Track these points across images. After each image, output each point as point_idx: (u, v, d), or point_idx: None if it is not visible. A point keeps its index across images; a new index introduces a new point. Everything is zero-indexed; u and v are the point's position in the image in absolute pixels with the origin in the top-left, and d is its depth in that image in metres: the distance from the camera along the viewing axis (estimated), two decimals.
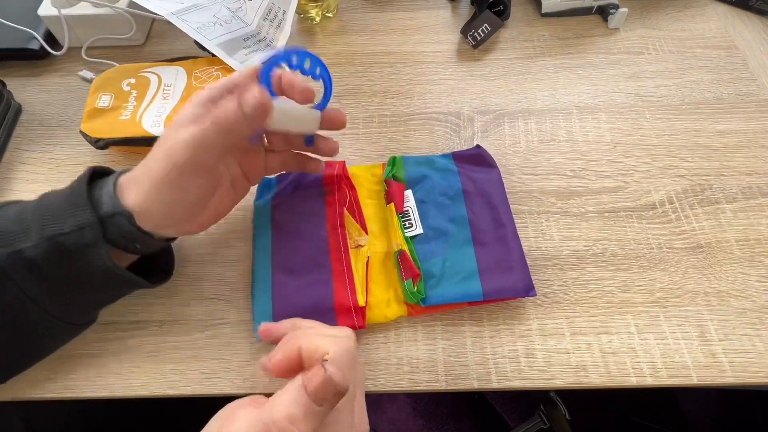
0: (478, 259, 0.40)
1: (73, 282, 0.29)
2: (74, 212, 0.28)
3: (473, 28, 0.55)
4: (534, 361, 0.38)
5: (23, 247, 0.27)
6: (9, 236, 0.28)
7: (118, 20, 0.55)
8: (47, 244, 0.27)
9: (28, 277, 0.28)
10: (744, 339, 0.38)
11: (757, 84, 0.53)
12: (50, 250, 0.27)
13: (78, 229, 0.27)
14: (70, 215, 0.28)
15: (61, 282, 0.29)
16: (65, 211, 0.28)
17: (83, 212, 0.28)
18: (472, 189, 0.44)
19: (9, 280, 0.27)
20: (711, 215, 0.44)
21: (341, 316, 0.38)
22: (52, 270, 0.28)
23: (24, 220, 0.28)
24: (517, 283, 0.39)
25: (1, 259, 0.27)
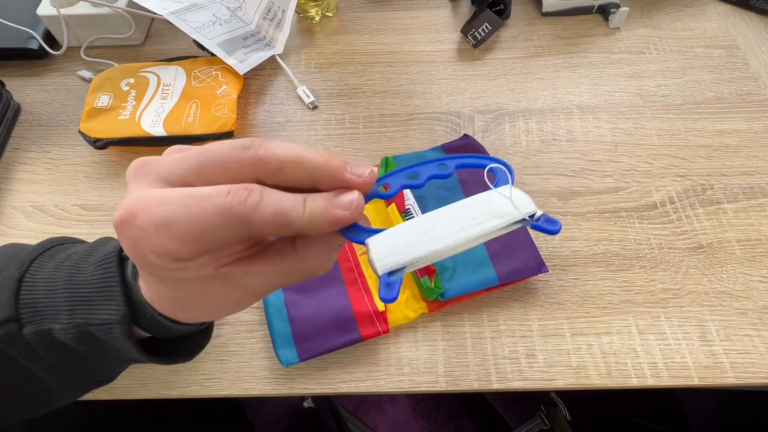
0: (487, 245, 0.41)
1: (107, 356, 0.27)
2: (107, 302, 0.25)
3: (473, 28, 0.55)
4: (534, 362, 0.38)
5: (53, 327, 0.25)
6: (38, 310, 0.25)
7: (117, 20, 0.55)
8: (76, 331, 0.25)
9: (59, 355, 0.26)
10: (745, 339, 0.38)
11: (758, 83, 0.52)
12: (80, 336, 0.25)
13: (107, 325, 0.24)
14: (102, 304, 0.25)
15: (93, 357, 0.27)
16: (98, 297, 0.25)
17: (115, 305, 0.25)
18: (468, 178, 0.44)
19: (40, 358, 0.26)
20: (712, 215, 0.44)
21: (363, 324, 0.38)
22: (83, 350, 0.26)
23: (54, 295, 0.25)
24: (529, 261, 0.40)
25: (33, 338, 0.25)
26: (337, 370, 0.38)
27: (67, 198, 0.47)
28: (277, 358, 0.37)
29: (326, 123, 0.52)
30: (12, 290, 0.25)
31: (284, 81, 0.55)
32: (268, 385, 0.38)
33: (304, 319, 0.38)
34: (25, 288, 0.25)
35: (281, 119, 0.52)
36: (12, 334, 0.25)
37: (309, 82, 0.55)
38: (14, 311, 0.25)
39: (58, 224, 0.46)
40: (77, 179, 0.48)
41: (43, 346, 0.25)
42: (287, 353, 0.37)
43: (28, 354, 0.25)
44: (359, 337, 0.37)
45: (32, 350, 0.25)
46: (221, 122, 0.48)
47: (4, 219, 0.46)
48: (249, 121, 0.52)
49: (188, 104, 0.50)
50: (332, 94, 0.54)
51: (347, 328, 0.38)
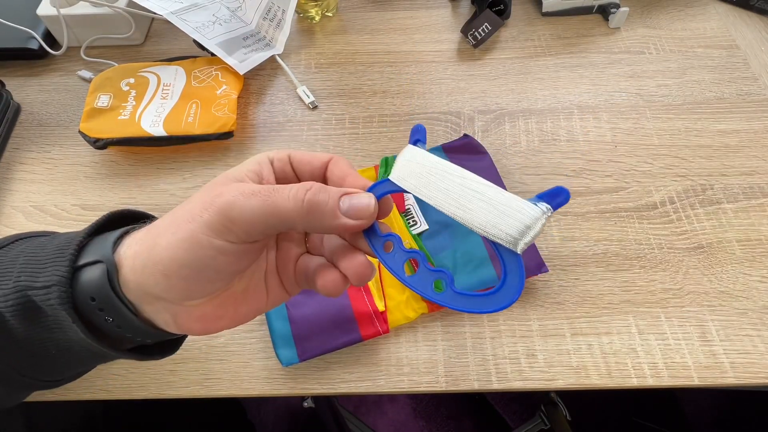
0: (487, 245, 0.41)
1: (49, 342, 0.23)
2: (54, 262, 0.22)
3: (473, 28, 0.55)
4: (535, 362, 0.38)
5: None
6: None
7: (117, 20, 0.55)
8: (17, 296, 0.22)
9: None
10: (745, 339, 0.38)
11: (758, 83, 0.52)
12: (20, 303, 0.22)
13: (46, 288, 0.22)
14: (50, 265, 0.22)
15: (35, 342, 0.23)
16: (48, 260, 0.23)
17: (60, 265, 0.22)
18: None
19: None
20: (712, 215, 0.44)
21: (363, 324, 0.38)
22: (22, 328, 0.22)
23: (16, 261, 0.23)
24: (529, 262, 0.40)
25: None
26: (337, 370, 0.38)
27: (67, 198, 0.47)
28: (277, 358, 0.37)
29: (326, 123, 0.52)
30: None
31: (284, 81, 0.55)
32: (268, 385, 0.38)
33: (304, 319, 0.38)
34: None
35: (281, 119, 0.52)
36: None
37: (309, 82, 0.55)
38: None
39: (58, 224, 0.46)
40: (77, 179, 0.48)
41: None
42: (287, 353, 0.37)
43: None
44: (359, 337, 0.37)
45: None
46: (221, 122, 0.48)
47: (4, 219, 0.46)
48: (249, 121, 0.52)
49: (188, 104, 0.50)
50: (332, 94, 0.54)
51: (347, 328, 0.38)
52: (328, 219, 0.22)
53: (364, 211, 0.23)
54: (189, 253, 0.21)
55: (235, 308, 0.25)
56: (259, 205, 0.21)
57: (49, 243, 0.24)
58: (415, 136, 0.25)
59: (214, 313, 0.24)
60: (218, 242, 0.21)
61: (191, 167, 0.49)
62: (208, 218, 0.21)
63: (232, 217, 0.21)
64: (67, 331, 0.22)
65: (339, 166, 0.25)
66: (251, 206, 0.21)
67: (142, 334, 0.23)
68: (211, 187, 0.23)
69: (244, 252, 0.23)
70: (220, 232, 0.21)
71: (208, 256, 0.22)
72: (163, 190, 0.47)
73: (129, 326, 0.23)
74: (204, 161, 0.49)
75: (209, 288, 0.23)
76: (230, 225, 0.21)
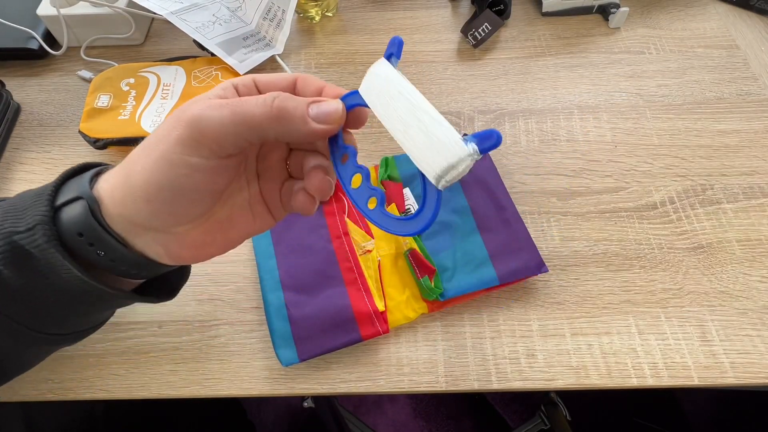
0: (487, 245, 0.41)
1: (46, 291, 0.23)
2: (34, 206, 0.22)
3: (473, 28, 0.55)
4: (535, 362, 0.38)
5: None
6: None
7: (117, 20, 0.55)
8: (2, 243, 0.22)
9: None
10: (745, 339, 0.38)
11: (758, 83, 0.52)
12: (8, 251, 0.22)
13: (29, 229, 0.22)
14: (30, 209, 0.22)
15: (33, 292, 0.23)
16: (28, 205, 0.22)
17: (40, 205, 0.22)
18: (468, 178, 0.44)
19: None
20: (712, 215, 0.44)
21: (363, 324, 0.38)
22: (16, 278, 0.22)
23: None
24: (529, 262, 0.40)
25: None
26: (337, 370, 0.38)
27: None
28: (277, 358, 0.37)
29: None
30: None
31: None
32: (268, 385, 0.38)
33: (304, 319, 0.38)
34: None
35: None
36: None
37: None
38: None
39: None
40: None
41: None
42: (287, 353, 0.37)
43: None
44: (359, 337, 0.37)
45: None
46: None
47: None
48: None
49: None
50: None
51: (347, 328, 0.38)
52: (298, 124, 0.22)
53: (332, 115, 0.23)
54: (165, 174, 0.21)
55: (224, 234, 0.25)
56: (228, 114, 0.21)
57: (25, 193, 0.24)
58: (390, 50, 0.24)
59: (203, 240, 0.24)
60: (192, 159, 0.21)
61: None
62: (177, 135, 0.21)
63: (202, 129, 0.21)
64: (61, 273, 0.22)
65: (308, 81, 0.25)
66: (220, 116, 0.21)
67: (137, 266, 0.24)
68: (178, 109, 0.23)
69: (219, 168, 0.22)
70: (193, 148, 0.21)
71: (184, 174, 0.21)
72: None
73: (122, 259, 0.23)
74: None
75: (192, 210, 0.23)
76: (201, 138, 0.21)
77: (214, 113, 0.21)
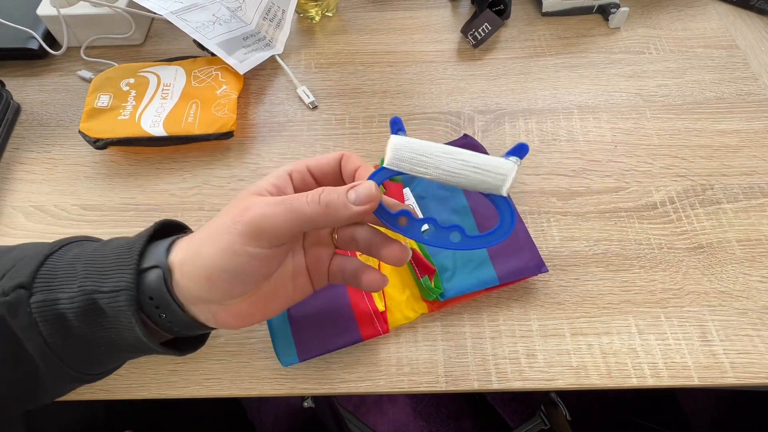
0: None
1: (102, 341, 0.27)
2: (119, 269, 0.25)
3: (473, 28, 0.55)
4: (535, 362, 0.38)
5: (61, 297, 0.25)
6: (53, 282, 0.26)
7: (117, 20, 0.55)
8: (83, 299, 0.25)
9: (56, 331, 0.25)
10: (745, 339, 0.38)
11: (758, 83, 0.52)
12: (85, 306, 0.25)
13: (114, 292, 0.25)
14: (114, 272, 0.25)
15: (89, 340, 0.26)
16: (113, 267, 0.26)
17: (125, 272, 0.25)
18: None
19: (37, 333, 0.25)
20: (712, 215, 0.44)
21: (363, 324, 0.38)
22: (82, 327, 0.25)
23: (74, 268, 0.26)
24: (529, 262, 0.40)
25: (38, 307, 0.25)
26: (337, 370, 0.38)
27: (67, 198, 0.47)
28: (277, 359, 0.37)
29: (326, 123, 0.52)
30: (36, 263, 0.26)
31: (284, 81, 0.55)
32: (268, 385, 0.38)
33: (304, 319, 0.38)
34: (49, 263, 0.26)
35: (281, 119, 0.52)
36: (19, 301, 0.25)
37: (309, 82, 0.55)
38: (30, 279, 0.25)
39: (58, 224, 0.46)
40: (77, 179, 0.48)
41: (44, 317, 0.25)
42: (287, 353, 0.37)
43: (27, 326, 0.25)
44: (359, 337, 0.37)
45: (32, 322, 0.25)
46: (221, 122, 0.48)
47: (4, 219, 0.46)
48: (249, 121, 0.52)
49: (188, 104, 0.50)
50: (332, 94, 0.54)
51: (347, 328, 0.38)
52: (342, 211, 0.26)
53: (368, 196, 0.26)
54: (227, 260, 0.25)
55: (266, 305, 0.29)
56: (284, 211, 0.25)
57: (104, 249, 0.27)
58: (396, 127, 0.28)
59: (248, 311, 0.28)
60: (251, 249, 0.25)
61: (191, 167, 0.49)
62: (241, 229, 0.25)
63: (262, 226, 0.25)
64: (122, 331, 0.26)
65: (351, 160, 0.30)
66: (277, 213, 0.25)
67: (187, 327, 0.27)
68: (237, 202, 0.27)
69: (272, 256, 0.27)
70: (253, 240, 0.25)
71: (243, 261, 0.25)
72: (163, 190, 0.47)
73: (178, 321, 0.27)
74: (204, 161, 0.49)
75: (244, 289, 0.27)
76: (260, 233, 0.25)
77: (272, 211, 0.25)
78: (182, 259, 0.26)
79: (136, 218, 0.46)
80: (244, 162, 0.49)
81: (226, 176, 0.48)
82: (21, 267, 0.26)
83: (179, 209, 0.46)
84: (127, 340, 0.26)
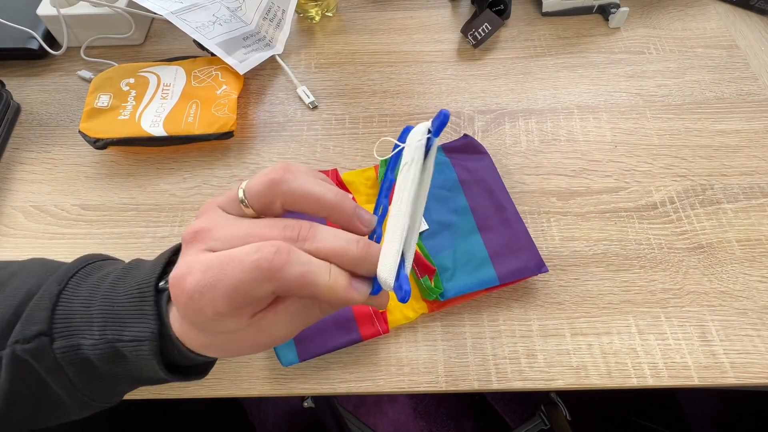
0: (487, 245, 0.41)
1: (125, 378, 0.28)
2: (139, 319, 0.26)
3: (473, 28, 0.55)
4: (535, 362, 0.38)
5: (83, 342, 0.26)
6: (72, 326, 0.26)
7: (117, 20, 0.55)
8: (105, 346, 0.26)
9: (81, 372, 0.27)
10: (745, 339, 0.38)
11: (758, 83, 0.52)
12: (108, 353, 0.26)
13: (136, 342, 0.25)
14: (134, 322, 0.26)
15: (112, 378, 0.28)
16: (130, 315, 0.26)
17: (147, 322, 0.26)
18: (468, 178, 0.44)
19: (63, 374, 0.26)
20: (712, 215, 0.44)
21: (363, 324, 0.38)
22: (105, 368, 0.27)
23: (90, 311, 0.27)
24: (529, 262, 0.40)
25: (61, 352, 0.26)
26: (337, 370, 0.38)
27: (67, 198, 0.47)
28: (278, 358, 0.37)
29: (326, 123, 0.52)
30: (49, 306, 0.26)
31: (284, 81, 0.55)
32: (268, 385, 0.38)
33: None
34: (62, 304, 0.26)
35: (281, 119, 0.52)
36: (42, 348, 0.25)
37: (309, 82, 0.55)
38: (48, 325, 0.26)
39: (58, 224, 0.46)
40: (77, 179, 0.48)
41: (69, 361, 0.26)
42: (287, 353, 0.37)
43: (52, 369, 0.26)
44: (359, 337, 0.37)
45: (57, 366, 0.26)
46: (221, 122, 0.48)
47: (4, 219, 0.46)
48: (249, 121, 0.52)
49: (188, 104, 0.50)
50: (332, 94, 0.54)
51: (347, 328, 0.38)
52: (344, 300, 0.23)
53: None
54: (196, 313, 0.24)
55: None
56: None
57: (115, 291, 0.27)
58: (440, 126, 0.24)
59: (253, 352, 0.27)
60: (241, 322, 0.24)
61: (191, 167, 0.49)
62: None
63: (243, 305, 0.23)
64: (144, 371, 0.26)
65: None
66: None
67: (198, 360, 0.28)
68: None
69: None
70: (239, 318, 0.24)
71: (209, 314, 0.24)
72: (163, 190, 0.47)
73: (188, 358, 0.27)
74: (204, 161, 0.49)
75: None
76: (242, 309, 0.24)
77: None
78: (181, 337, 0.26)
79: (136, 218, 0.46)
80: (244, 162, 0.49)
81: (226, 176, 0.48)
82: (35, 310, 0.26)
83: (179, 209, 0.46)
84: (148, 376, 0.27)
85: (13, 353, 0.26)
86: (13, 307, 0.27)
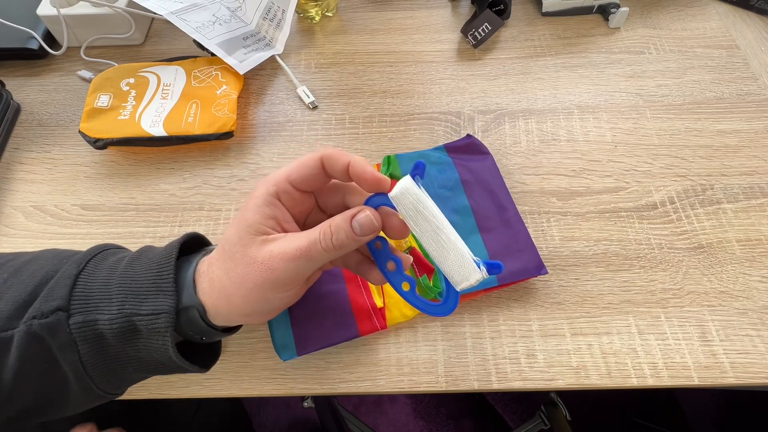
0: (487, 245, 0.41)
1: (132, 360, 0.29)
2: (157, 295, 0.28)
3: (474, 28, 0.55)
4: (535, 362, 0.38)
5: (100, 318, 0.27)
6: (90, 302, 0.28)
7: (117, 20, 0.55)
8: (123, 320, 0.27)
9: (93, 350, 0.27)
10: (745, 339, 0.38)
11: (758, 83, 0.52)
12: (124, 327, 0.27)
13: (154, 315, 0.27)
14: (153, 296, 0.28)
15: (121, 361, 0.29)
16: (150, 290, 0.28)
17: (165, 298, 0.28)
18: (470, 178, 0.44)
19: (75, 351, 0.27)
20: (712, 215, 0.44)
21: (361, 319, 0.38)
22: (117, 347, 0.28)
23: (109, 289, 0.28)
24: (528, 263, 0.40)
25: (77, 327, 0.27)
26: (337, 370, 0.38)
27: (67, 198, 0.47)
28: (276, 353, 0.37)
29: (326, 123, 0.52)
30: (69, 284, 0.28)
31: (284, 81, 0.55)
32: (268, 385, 0.38)
33: (303, 314, 0.38)
34: (80, 283, 0.28)
35: (281, 119, 0.52)
36: (59, 323, 0.26)
37: (309, 82, 0.55)
38: (67, 302, 0.27)
39: (58, 224, 0.46)
40: (77, 179, 0.48)
41: (83, 336, 0.27)
42: (286, 348, 0.37)
43: (66, 345, 0.27)
44: (357, 332, 0.38)
45: (71, 341, 0.27)
46: (221, 122, 0.48)
47: (4, 219, 0.46)
48: (249, 121, 0.52)
49: (188, 104, 0.50)
50: (332, 94, 0.54)
51: (345, 323, 0.38)
52: (351, 245, 0.29)
53: (370, 228, 0.29)
54: (263, 305, 0.29)
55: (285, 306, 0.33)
56: (306, 262, 0.28)
57: (134, 268, 0.29)
58: (415, 171, 0.29)
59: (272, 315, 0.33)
60: (282, 294, 0.29)
61: (191, 167, 0.49)
62: (271, 286, 0.28)
63: (290, 278, 0.28)
64: (153, 352, 0.28)
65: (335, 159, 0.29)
66: (300, 266, 0.28)
67: (218, 336, 0.32)
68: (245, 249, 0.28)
69: (300, 289, 0.31)
70: (282, 288, 0.29)
71: (277, 299, 0.30)
72: (163, 190, 0.47)
73: (212, 338, 0.31)
74: (204, 161, 0.49)
75: (275, 314, 0.33)
76: (289, 283, 0.29)
77: (295, 267, 0.28)
78: (214, 304, 0.29)
79: (136, 218, 0.46)
80: (244, 162, 0.49)
81: (226, 176, 0.48)
82: (55, 288, 0.28)
83: (179, 209, 0.46)
84: (155, 358, 0.28)
85: (28, 329, 0.27)
86: (31, 288, 0.28)
